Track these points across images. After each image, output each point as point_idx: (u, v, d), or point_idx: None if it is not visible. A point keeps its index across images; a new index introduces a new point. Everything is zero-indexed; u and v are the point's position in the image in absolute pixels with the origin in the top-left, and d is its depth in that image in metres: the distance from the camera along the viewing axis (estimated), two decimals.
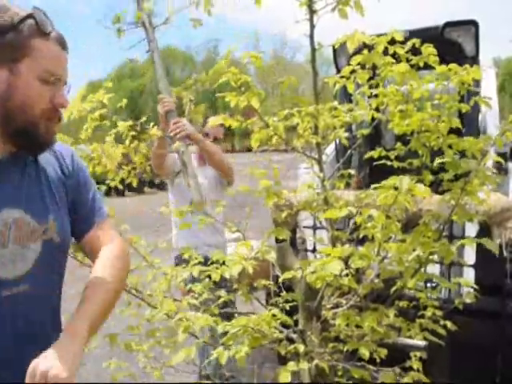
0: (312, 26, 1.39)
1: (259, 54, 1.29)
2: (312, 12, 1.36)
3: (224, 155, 2.96)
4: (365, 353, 1.27)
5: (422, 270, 1.43)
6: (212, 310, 1.40)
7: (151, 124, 2.69)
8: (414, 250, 1.25)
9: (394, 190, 1.02)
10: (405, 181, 0.95)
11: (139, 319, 2.03)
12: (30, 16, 1.10)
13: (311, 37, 1.40)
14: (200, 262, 1.63)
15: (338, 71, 3.58)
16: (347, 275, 1.02)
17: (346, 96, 3.48)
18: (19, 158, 1.18)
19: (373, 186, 1.21)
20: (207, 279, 1.74)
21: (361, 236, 1.22)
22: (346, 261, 1.14)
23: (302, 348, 1.22)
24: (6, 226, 1.10)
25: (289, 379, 1.14)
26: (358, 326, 1.52)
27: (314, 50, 1.43)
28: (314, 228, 2.74)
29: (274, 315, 1.19)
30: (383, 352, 1.71)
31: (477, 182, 1.20)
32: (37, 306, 1.17)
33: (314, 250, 2.80)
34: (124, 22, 2.75)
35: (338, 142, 3.40)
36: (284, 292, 1.77)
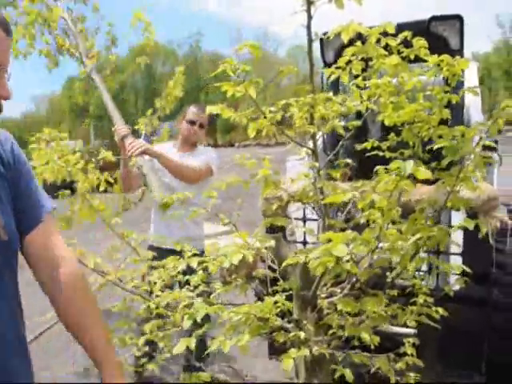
0: (309, 17, 1.40)
1: (257, 44, 1.29)
2: (309, 3, 1.37)
3: (189, 161, 3.01)
4: (366, 337, 1.29)
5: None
6: (210, 301, 1.40)
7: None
8: (409, 238, 1.28)
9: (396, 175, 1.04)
10: (408, 164, 0.97)
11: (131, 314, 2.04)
12: None
13: (308, 27, 1.41)
14: (195, 255, 1.63)
15: (325, 64, 3.60)
16: (348, 261, 1.03)
17: (334, 87, 3.51)
18: None
19: (377, 167, 1.23)
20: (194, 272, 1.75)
21: (362, 221, 1.24)
22: None
23: (302, 335, 1.24)
24: None
25: (291, 366, 1.15)
26: (354, 315, 1.55)
27: (310, 40, 1.44)
28: (304, 220, 2.76)
29: (276, 302, 1.20)
30: (376, 339, 1.74)
31: (471, 168, 1.23)
32: None
33: (304, 242, 2.82)
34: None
35: (325, 134, 3.42)
36: (276, 283, 1.78)
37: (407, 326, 2.16)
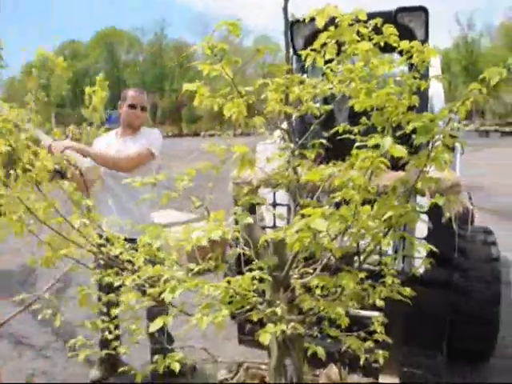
0: None
1: (237, 22, 1.28)
2: None
3: (129, 148, 3.04)
4: (340, 313, 1.32)
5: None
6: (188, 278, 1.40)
7: None
8: (380, 217, 1.32)
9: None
10: (387, 141, 1.00)
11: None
12: None
13: (285, 9, 1.42)
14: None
15: (295, 51, 3.63)
16: (324, 237, 1.05)
17: (302, 73, 3.53)
18: None
19: (357, 144, 1.25)
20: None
21: (338, 199, 1.26)
22: None
23: (279, 311, 1.26)
24: None
25: (268, 341, 1.17)
26: (325, 296, 1.58)
27: (287, 22, 1.45)
28: (274, 205, 2.79)
29: (253, 278, 1.21)
30: (345, 320, 1.78)
31: (440, 149, 1.27)
32: None
33: (274, 227, 2.85)
34: None
35: (294, 120, 3.44)
36: (249, 264, 1.80)
37: (374, 309, 2.22)
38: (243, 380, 1.94)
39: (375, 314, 2.35)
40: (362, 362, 1.87)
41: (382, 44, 1.79)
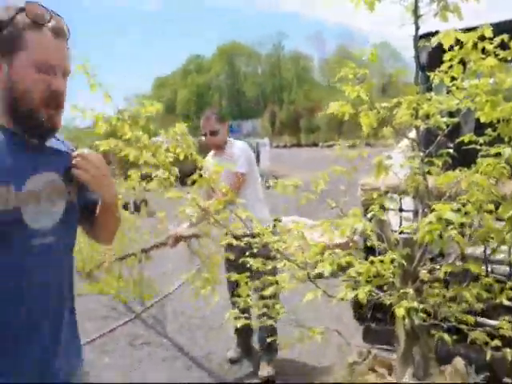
0: (417, 29, 1.63)
1: (374, 51, 1.56)
2: (417, 17, 1.61)
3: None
4: (468, 296, 1.50)
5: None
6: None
7: None
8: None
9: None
10: (507, 150, 1.18)
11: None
12: (21, 10, 1.18)
13: (415, 38, 1.65)
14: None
15: (420, 65, 3.75)
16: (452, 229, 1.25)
17: (428, 85, 3.63)
18: None
19: (481, 154, 1.43)
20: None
21: (465, 199, 1.45)
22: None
23: (411, 291, 1.48)
24: (42, 186, 1.24)
25: (402, 314, 1.40)
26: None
27: (417, 48, 1.68)
28: (401, 210, 2.95)
29: (392, 260, 1.45)
30: (471, 319, 1.91)
31: None
32: (59, 258, 1.31)
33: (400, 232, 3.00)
34: None
35: (420, 131, 3.56)
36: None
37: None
38: (372, 365, 2.16)
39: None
40: (488, 358, 1.96)
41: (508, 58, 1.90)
